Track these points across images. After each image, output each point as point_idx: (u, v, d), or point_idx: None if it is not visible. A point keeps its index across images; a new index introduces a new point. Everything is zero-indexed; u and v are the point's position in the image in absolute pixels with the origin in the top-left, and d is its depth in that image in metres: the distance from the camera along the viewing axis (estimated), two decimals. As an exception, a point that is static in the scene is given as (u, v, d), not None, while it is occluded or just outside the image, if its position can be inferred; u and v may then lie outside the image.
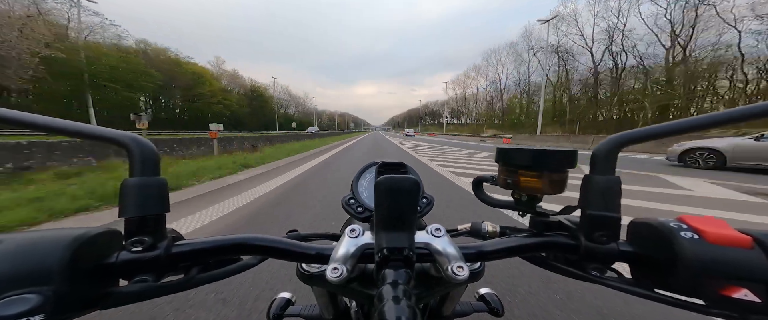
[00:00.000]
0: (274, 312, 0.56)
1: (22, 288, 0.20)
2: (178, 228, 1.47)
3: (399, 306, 0.21)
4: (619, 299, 1.48)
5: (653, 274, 0.27)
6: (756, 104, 0.24)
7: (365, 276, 0.31)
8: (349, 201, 0.38)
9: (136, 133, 0.27)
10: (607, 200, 0.28)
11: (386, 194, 0.26)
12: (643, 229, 0.28)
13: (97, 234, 0.24)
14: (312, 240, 0.38)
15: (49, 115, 0.26)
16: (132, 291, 0.25)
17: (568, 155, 0.30)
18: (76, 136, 0.26)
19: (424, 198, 0.38)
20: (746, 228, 0.25)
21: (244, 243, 0.29)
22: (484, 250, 0.31)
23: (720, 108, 27.69)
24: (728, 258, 0.23)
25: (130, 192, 0.25)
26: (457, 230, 0.44)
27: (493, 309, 0.58)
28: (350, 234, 0.28)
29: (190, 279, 0.28)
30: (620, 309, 1.43)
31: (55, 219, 2.67)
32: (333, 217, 2.83)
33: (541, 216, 0.34)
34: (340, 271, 0.26)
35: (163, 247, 0.26)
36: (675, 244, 0.25)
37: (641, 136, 0.27)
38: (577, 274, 0.30)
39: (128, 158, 0.26)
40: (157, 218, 0.26)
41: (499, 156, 0.34)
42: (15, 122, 0.24)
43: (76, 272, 0.22)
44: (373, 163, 0.42)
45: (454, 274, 0.25)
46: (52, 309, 0.20)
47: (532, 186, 0.32)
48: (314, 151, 11.14)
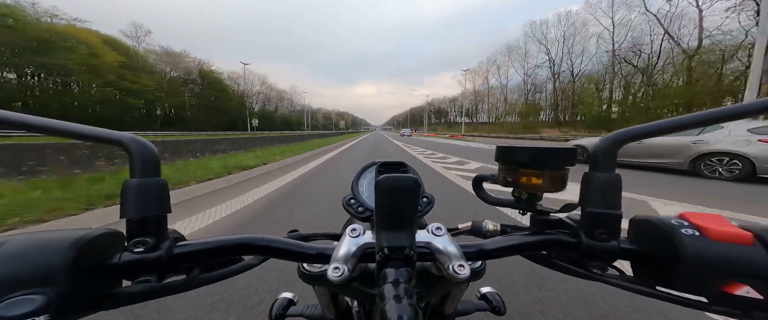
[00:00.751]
0: (276, 312, 0.56)
1: (26, 289, 0.20)
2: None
3: (400, 304, 0.21)
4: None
5: (655, 272, 0.27)
6: (760, 100, 0.23)
7: (366, 275, 0.31)
8: (350, 200, 0.39)
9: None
10: (608, 197, 0.28)
11: (387, 193, 0.26)
12: (644, 227, 0.28)
13: (100, 235, 0.24)
14: (313, 240, 0.38)
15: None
16: (135, 291, 0.25)
17: (568, 153, 0.30)
18: (75, 138, 0.26)
19: (425, 197, 0.38)
20: (747, 223, 0.25)
21: (245, 243, 0.29)
22: (485, 249, 0.31)
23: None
24: (730, 255, 0.23)
25: (130, 193, 0.26)
26: (458, 229, 0.44)
27: (494, 308, 0.58)
28: (351, 234, 0.28)
29: (192, 279, 0.28)
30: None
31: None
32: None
33: (541, 214, 0.34)
34: (341, 271, 0.26)
35: (165, 248, 0.26)
36: (676, 241, 0.25)
37: (642, 132, 0.27)
38: (578, 272, 0.30)
39: (128, 159, 0.26)
40: (158, 219, 0.27)
41: (499, 154, 0.34)
42: (12, 123, 0.24)
43: (79, 273, 0.22)
44: (374, 163, 0.42)
45: (455, 273, 0.25)
46: (56, 310, 0.20)
47: (533, 184, 0.32)
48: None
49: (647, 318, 1.37)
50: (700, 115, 0.25)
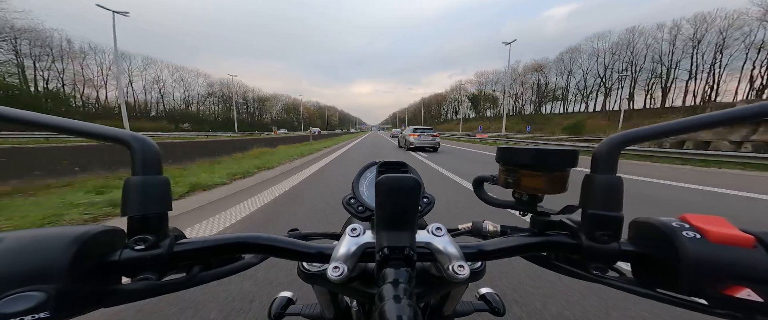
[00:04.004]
0: (275, 311, 0.56)
1: (26, 285, 0.20)
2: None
3: (400, 305, 0.21)
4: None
5: (655, 274, 0.27)
6: (756, 104, 0.23)
7: (366, 275, 0.31)
8: (350, 200, 0.38)
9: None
10: (609, 199, 0.28)
11: (387, 193, 0.26)
12: (644, 229, 0.28)
13: (101, 232, 0.24)
14: (313, 239, 0.38)
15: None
16: (135, 289, 0.25)
17: (569, 154, 0.30)
18: (79, 135, 0.26)
19: (425, 197, 0.38)
20: (749, 226, 0.25)
21: (245, 242, 0.30)
22: (485, 250, 0.31)
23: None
24: (731, 258, 0.23)
25: (132, 190, 0.26)
26: (458, 229, 0.44)
27: (494, 309, 0.58)
28: (351, 233, 0.28)
29: (192, 277, 0.28)
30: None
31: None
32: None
33: (542, 215, 0.34)
34: (341, 270, 0.26)
35: (166, 246, 0.26)
36: (677, 244, 0.24)
37: (643, 135, 0.27)
38: (578, 274, 0.30)
39: (130, 157, 0.26)
40: (159, 216, 0.27)
41: (499, 155, 0.34)
42: (18, 121, 0.24)
43: (79, 270, 0.22)
44: (374, 163, 0.42)
45: (455, 273, 0.25)
46: (56, 307, 0.20)
47: (533, 185, 0.31)
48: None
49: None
50: (701, 117, 0.25)
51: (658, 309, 1.40)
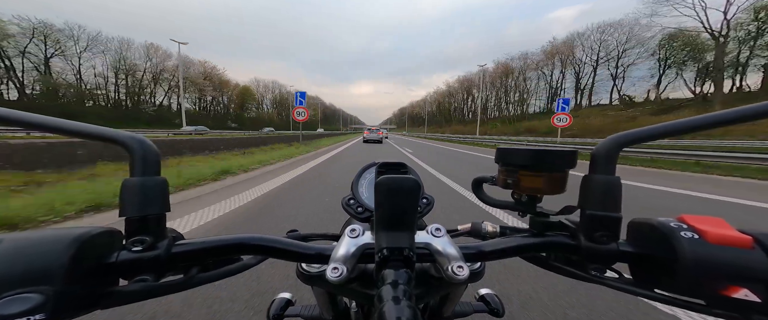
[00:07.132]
0: (274, 312, 0.56)
1: (22, 287, 0.20)
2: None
3: (399, 306, 0.21)
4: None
5: (654, 274, 0.27)
6: (759, 104, 0.23)
7: (365, 276, 0.31)
8: (349, 201, 0.38)
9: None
10: (607, 200, 0.28)
11: (387, 194, 0.26)
12: (643, 229, 0.28)
13: (98, 234, 0.24)
14: (312, 240, 0.38)
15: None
16: (132, 290, 0.25)
17: (568, 155, 0.30)
18: (77, 136, 0.26)
19: (424, 198, 0.38)
20: (747, 227, 0.25)
21: (244, 243, 0.29)
22: (484, 250, 0.31)
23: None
24: (728, 258, 0.23)
25: (130, 191, 0.25)
26: (457, 230, 0.44)
27: (493, 310, 0.58)
28: (350, 234, 0.28)
29: (190, 278, 0.28)
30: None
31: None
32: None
33: (540, 216, 0.34)
34: (340, 271, 0.25)
35: (164, 247, 0.26)
36: (675, 244, 0.24)
37: (643, 135, 0.27)
38: (577, 274, 0.30)
39: (129, 157, 0.26)
40: (157, 218, 0.26)
41: (498, 156, 0.34)
42: (15, 122, 0.24)
43: (76, 271, 0.22)
44: (373, 163, 0.42)
45: (454, 274, 0.25)
46: (53, 308, 0.20)
47: (532, 186, 0.31)
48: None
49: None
50: (703, 118, 0.25)
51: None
